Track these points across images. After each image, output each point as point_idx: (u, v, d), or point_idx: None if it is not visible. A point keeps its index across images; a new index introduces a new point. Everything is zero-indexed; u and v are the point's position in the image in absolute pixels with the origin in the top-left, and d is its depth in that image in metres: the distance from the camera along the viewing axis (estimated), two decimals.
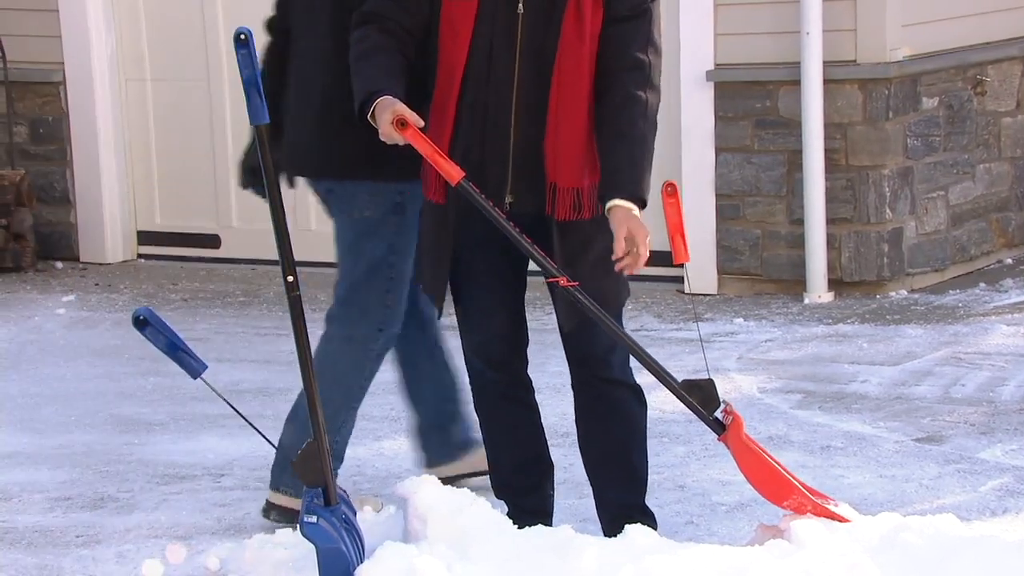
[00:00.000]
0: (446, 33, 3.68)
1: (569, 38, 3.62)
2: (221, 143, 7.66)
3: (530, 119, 3.66)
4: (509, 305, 3.86)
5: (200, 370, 3.48)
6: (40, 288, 7.43)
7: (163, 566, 3.88)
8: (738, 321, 6.43)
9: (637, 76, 3.63)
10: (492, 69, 3.67)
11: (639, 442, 3.89)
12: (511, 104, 3.66)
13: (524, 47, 3.65)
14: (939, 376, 5.61)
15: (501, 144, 3.68)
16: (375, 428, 5.26)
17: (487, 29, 3.65)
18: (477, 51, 3.66)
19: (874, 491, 4.49)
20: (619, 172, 3.60)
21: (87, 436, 5.29)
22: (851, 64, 6.61)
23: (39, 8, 7.69)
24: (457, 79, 3.67)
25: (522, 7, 3.64)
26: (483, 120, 3.68)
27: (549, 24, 3.64)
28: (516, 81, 3.66)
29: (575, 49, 3.62)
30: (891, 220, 6.73)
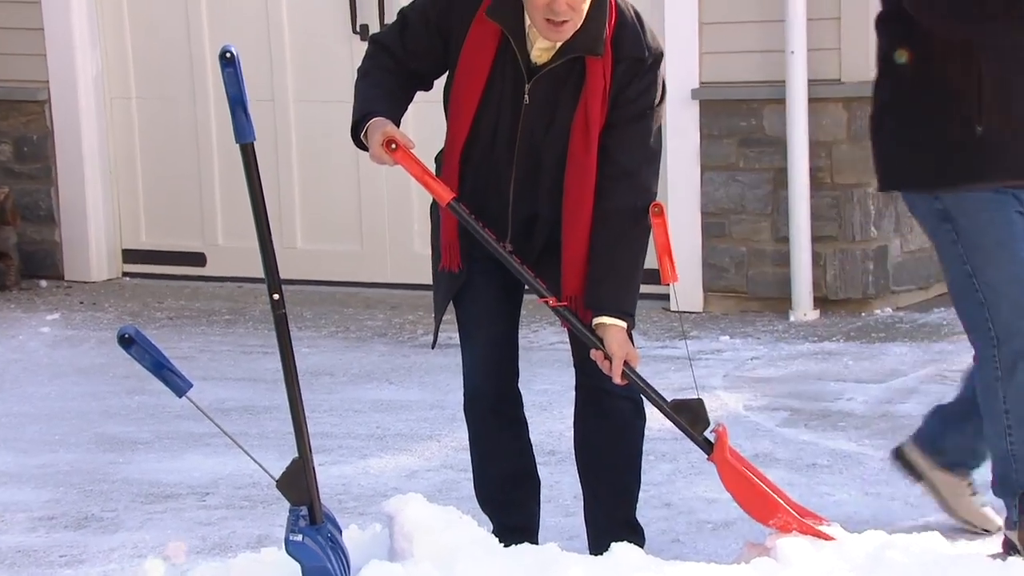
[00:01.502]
0: (454, 103, 3.72)
1: (577, 152, 3.66)
2: (207, 161, 7.66)
3: (525, 195, 3.73)
4: (504, 323, 3.90)
5: (185, 388, 3.47)
6: (24, 307, 7.41)
7: (164, 564, 3.87)
8: (724, 339, 6.44)
9: (631, 183, 3.67)
10: (494, 150, 3.72)
11: (633, 454, 3.92)
12: (509, 183, 3.72)
13: (523, 136, 3.70)
14: (925, 394, 5.62)
15: (501, 208, 3.74)
16: (361, 446, 5.26)
17: (492, 112, 3.69)
18: (479, 131, 3.71)
19: (860, 509, 4.49)
20: (606, 287, 3.66)
21: (71, 455, 5.27)
22: (836, 83, 6.63)
23: (24, 27, 7.69)
24: (457, 153, 3.72)
25: (527, 99, 3.66)
26: (483, 196, 3.74)
27: (551, 123, 3.68)
28: (514, 165, 3.71)
29: (583, 162, 3.66)
30: (876, 238, 6.74)
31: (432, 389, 5.88)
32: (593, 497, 3.95)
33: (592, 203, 3.67)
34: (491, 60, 3.65)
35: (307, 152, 7.51)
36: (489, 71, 3.66)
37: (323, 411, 5.60)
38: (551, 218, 3.76)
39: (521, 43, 3.64)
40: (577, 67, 3.64)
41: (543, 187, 3.74)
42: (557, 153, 3.70)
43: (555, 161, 3.71)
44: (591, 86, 3.62)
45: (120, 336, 3.43)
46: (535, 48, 3.65)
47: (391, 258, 7.38)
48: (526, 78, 3.66)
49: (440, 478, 4.89)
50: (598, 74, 3.62)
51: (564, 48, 3.62)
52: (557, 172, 3.71)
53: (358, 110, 3.70)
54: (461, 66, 3.69)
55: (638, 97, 3.65)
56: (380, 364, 6.31)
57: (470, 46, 3.66)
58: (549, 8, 3.53)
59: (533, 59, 3.66)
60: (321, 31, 7.38)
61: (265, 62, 7.45)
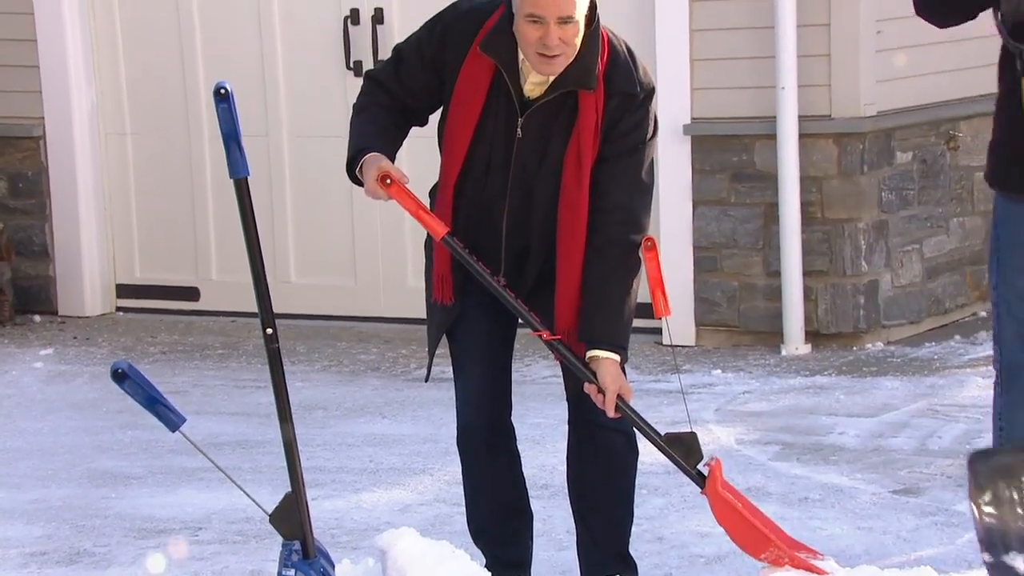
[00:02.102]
0: (448, 136, 3.74)
1: (570, 187, 3.67)
2: (201, 196, 7.66)
3: (518, 228, 3.74)
4: (497, 355, 3.90)
5: (179, 423, 3.46)
6: (18, 342, 7.40)
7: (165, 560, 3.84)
8: (716, 373, 6.43)
9: (622, 217, 3.67)
10: (487, 183, 3.73)
11: (626, 488, 3.91)
12: (503, 216, 3.73)
13: (516, 169, 3.71)
14: (916, 428, 5.61)
15: (494, 242, 3.75)
16: (354, 480, 5.24)
17: (485, 145, 3.70)
18: (473, 163, 3.72)
19: (852, 543, 4.48)
20: (602, 320, 3.67)
21: (64, 490, 5.25)
22: (826, 119, 6.65)
23: (20, 64, 7.70)
24: (451, 186, 3.73)
25: (520, 132, 3.68)
26: (478, 222, 3.75)
27: (543, 157, 3.69)
28: (508, 197, 3.72)
29: (574, 196, 3.67)
30: (867, 273, 6.75)
31: (425, 423, 5.87)
32: (586, 531, 3.94)
33: (585, 237, 3.67)
34: (485, 94, 3.67)
35: (301, 187, 7.51)
36: (483, 105, 3.67)
37: (316, 445, 5.58)
38: (544, 250, 3.76)
39: (514, 77, 3.65)
40: (569, 101, 3.65)
41: (536, 220, 3.75)
42: (549, 187, 3.70)
43: (548, 194, 3.71)
44: (583, 120, 3.63)
45: (113, 371, 3.42)
46: (528, 82, 3.66)
47: (384, 293, 7.38)
48: (519, 112, 3.67)
49: (433, 512, 4.87)
50: (590, 108, 3.63)
51: (557, 82, 3.63)
52: (549, 206, 3.71)
53: (353, 145, 3.71)
54: (455, 100, 3.70)
55: (630, 131, 3.66)
56: (373, 398, 6.30)
57: (464, 80, 3.67)
58: (541, 43, 3.54)
59: (526, 93, 3.67)
60: (315, 67, 7.39)
61: (259, 98, 7.46)
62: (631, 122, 3.66)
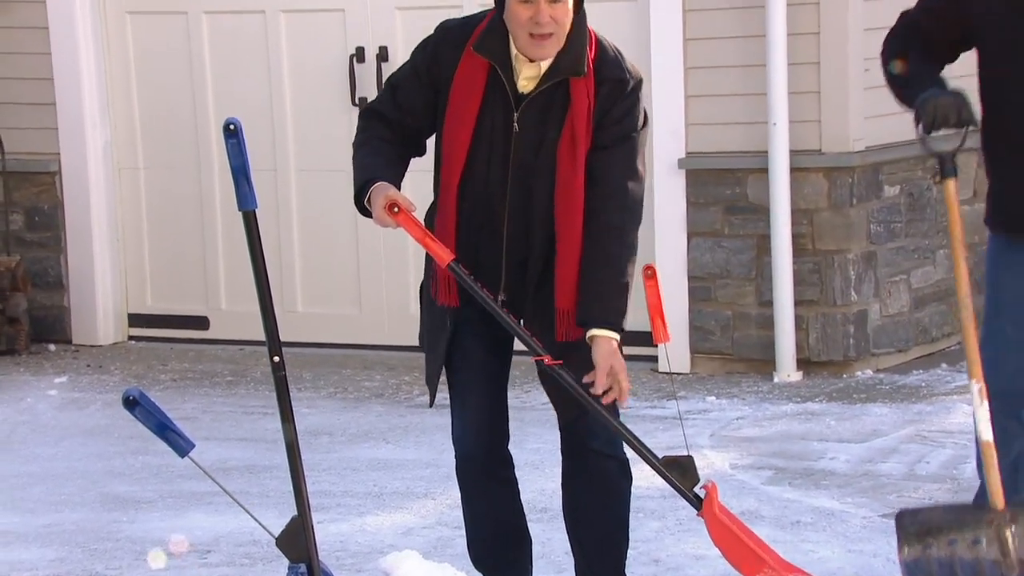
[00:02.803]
0: (448, 137, 3.73)
1: (565, 169, 3.66)
2: (211, 228, 7.67)
3: (519, 229, 3.73)
4: (494, 384, 3.87)
5: (188, 449, 3.45)
6: (33, 370, 7.39)
7: (166, 556, 3.83)
8: (710, 399, 6.42)
9: (620, 202, 3.67)
10: (488, 181, 3.72)
11: (621, 512, 3.88)
12: (504, 215, 3.71)
13: (515, 164, 3.70)
14: (904, 453, 5.60)
15: (495, 248, 3.73)
16: (358, 504, 5.22)
17: (484, 143, 3.70)
18: (474, 163, 3.71)
19: (843, 565, 4.46)
20: (599, 301, 3.65)
21: (76, 514, 5.23)
22: (816, 153, 6.65)
23: (37, 102, 7.72)
24: (454, 188, 3.72)
25: (517, 126, 3.68)
26: (479, 226, 3.74)
27: (540, 147, 3.69)
28: (508, 194, 3.71)
29: (571, 180, 3.66)
30: (856, 302, 6.74)
31: (428, 448, 5.85)
32: (582, 555, 3.92)
33: (582, 219, 3.65)
34: (481, 93, 3.67)
35: (307, 219, 7.52)
36: (480, 103, 3.67)
37: (322, 470, 5.57)
38: (544, 252, 3.72)
39: (508, 73, 3.66)
40: (562, 91, 3.66)
41: (536, 215, 3.71)
42: (547, 179, 3.69)
43: (546, 188, 3.69)
44: (576, 106, 3.64)
45: (125, 398, 3.41)
46: (522, 77, 3.67)
47: (388, 321, 7.37)
48: (515, 106, 3.67)
49: (435, 535, 4.85)
50: (582, 94, 3.64)
51: (549, 72, 3.65)
52: (549, 200, 3.70)
53: (359, 177, 3.71)
54: (452, 101, 3.70)
55: (623, 118, 3.67)
56: (377, 424, 6.28)
57: (459, 81, 3.68)
58: (533, 22, 3.55)
59: (520, 88, 3.68)
60: (322, 104, 7.40)
61: (267, 133, 7.47)
62: (623, 108, 3.66)
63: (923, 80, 3.71)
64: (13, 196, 7.84)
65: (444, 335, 3.80)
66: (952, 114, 3.60)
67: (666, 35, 6.75)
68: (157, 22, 7.68)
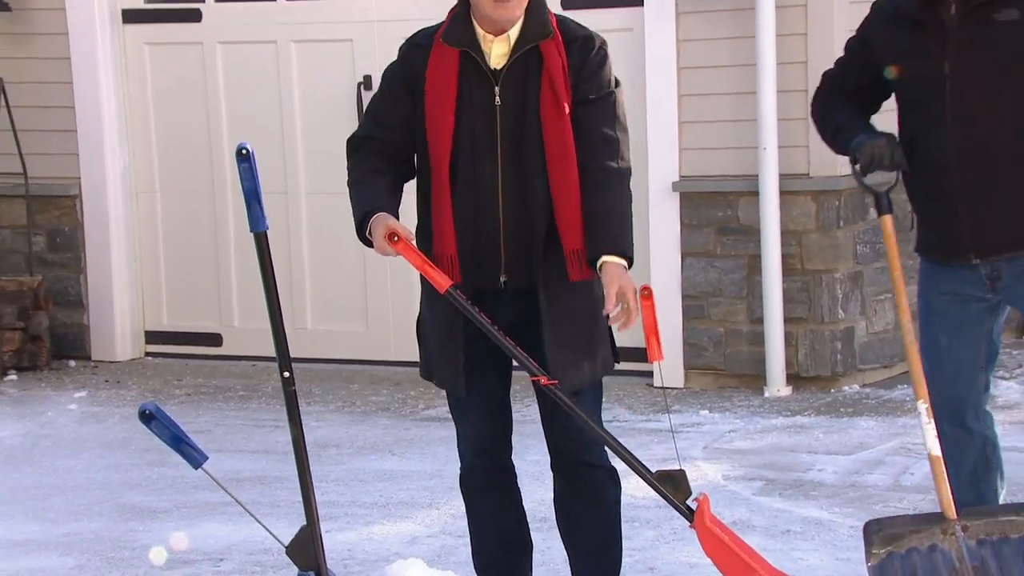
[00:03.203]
0: (432, 132, 3.70)
1: (551, 118, 3.65)
2: (224, 249, 7.66)
3: (516, 202, 3.68)
4: (496, 398, 3.86)
5: (201, 461, 3.44)
6: (54, 385, 7.38)
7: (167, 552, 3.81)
8: (703, 413, 6.40)
9: (609, 150, 3.66)
10: (476, 161, 3.69)
11: (615, 522, 3.88)
12: (497, 192, 3.68)
13: (504, 136, 3.68)
14: (890, 465, 5.58)
15: (492, 230, 3.69)
16: (365, 514, 5.21)
17: (467, 124, 3.68)
18: (460, 145, 3.69)
19: (831, 573, 4.45)
20: (608, 232, 3.62)
21: (95, 524, 5.22)
22: (805, 177, 6.65)
23: (59, 128, 7.72)
24: (446, 174, 3.69)
25: (499, 99, 3.67)
26: (474, 209, 3.70)
27: (525, 112, 3.68)
28: (500, 169, 3.68)
29: (557, 126, 3.65)
30: (843, 320, 6.73)
31: (432, 460, 5.83)
32: (579, 559, 3.91)
33: (575, 159, 3.63)
34: (456, 77, 3.67)
35: (316, 240, 7.51)
36: (456, 87, 3.66)
37: (330, 481, 5.55)
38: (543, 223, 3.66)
39: (479, 53, 3.67)
40: (535, 56, 3.67)
41: (532, 185, 3.67)
42: (537, 144, 3.66)
43: (537, 154, 3.66)
44: (550, 64, 3.65)
45: (141, 412, 3.41)
46: (493, 55, 3.68)
47: (394, 338, 7.36)
48: (493, 81, 3.66)
49: (439, 544, 4.83)
50: (554, 53, 3.66)
51: (518, 42, 3.66)
52: (541, 165, 3.66)
53: (359, 211, 3.70)
54: (429, 90, 3.68)
55: (597, 71, 3.68)
56: (383, 437, 6.27)
57: (432, 72, 3.68)
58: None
59: (493, 65, 3.68)
60: (330, 129, 7.40)
61: (278, 158, 7.47)
62: (595, 62, 3.68)
63: (854, 126, 3.83)
64: (36, 219, 7.84)
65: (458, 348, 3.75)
66: (887, 156, 3.71)
67: (661, 64, 6.75)
68: (174, 52, 7.68)
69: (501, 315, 3.68)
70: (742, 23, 6.61)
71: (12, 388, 7.32)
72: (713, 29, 6.68)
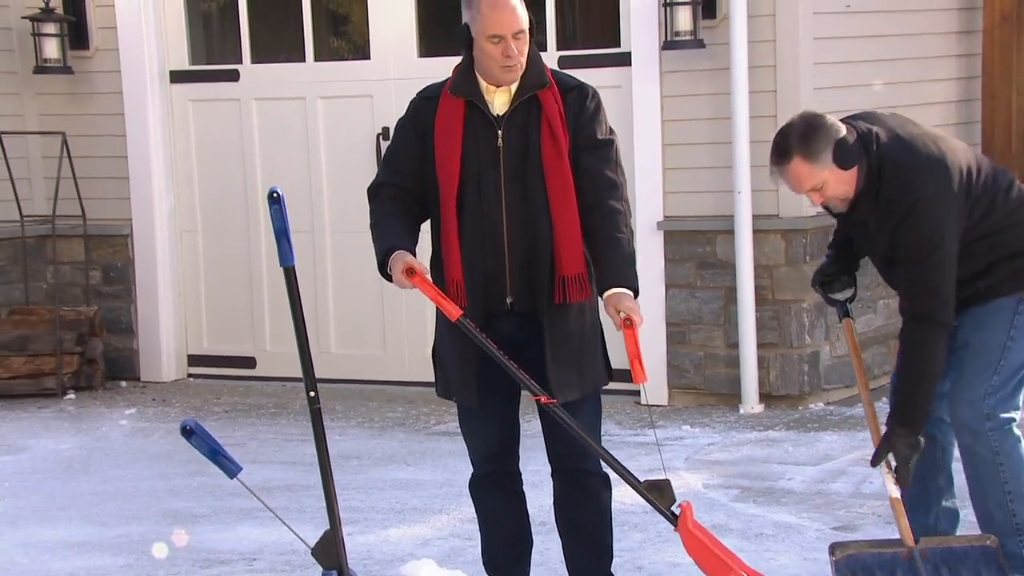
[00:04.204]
0: (441, 172, 3.70)
1: (551, 159, 3.65)
2: (257, 281, 7.66)
3: (519, 234, 3.68)
4: (504, 411, 3.84)
5: (236, 471, 3.42)
6: (107, 403, 7.35)
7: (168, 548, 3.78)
8: (685, 428, 6.38)
9: (614, 193, 3.67)
10: (482, 197, 3.68)
11: (607, 521, 3.87)
12: (502, 225, 3.67)
13: (507, 174, 3.67)
14: (851, 475, 5.55)
15: (498, 259, 3.69)
16: (382, 518, 5.18)
17: (473, 164, 3.68)
18: (467, 183, 3.69)
19: (800, 572, 4.42)
20: (619, 271, 3.65)
21: (142, 527, 5.19)
22: (775, 217, 6.64)
23: (114, 176, 7.74)
24: (453, 209, 3.69)
25: (501, 141, 3.67)
26: (481, 241, 3.69)
27: (527, 152, 3.68)
28: (504, 204, 3.68)
29: (557, 166, 3.65)
30: (810, 345, 6.71)
31: (443, 470, 5.81)
32: (575, 555, 3.90)
33: (574, 195, 3.63)
34: (462, 123, 3.67)
35: (340, 273, 7.50)
36: (463, 131, 3.67)
37: (351, 489, 5.52)
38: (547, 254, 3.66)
39: (483, 102, 3.68)
40: (534, 104, 3.68)
41: (533, 219, 3.66)
42: (538, 181, 3.66)
43: (539, 188, 3.66)
44: (548, 109, 3.67)
45: (182, 428, 3.39)
46: (495, 103, 3.69)
47: (409, 361, 7.34)
48: (496, 125, 3.67)
49: (449, 545, 4.80)
50: (551, 100, 3.68)
51: (519, 91, 3.67)
52: (542, 200, 3.65)
53: (380, 250, 3.70)
54: (438, 134, 3.69)
55: (594, 116, 3.68)
56: (399, 449, 6.24)
57: (441, 120, 3.69)
58: (504, 55, 3.60)
59: (496, 111, 3.69)
60: (352, 175, 7.40)
61: (306, 200, 7.47)
62: (591, 110, 3.68)
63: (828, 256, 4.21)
64: (92, 256, 7.84)
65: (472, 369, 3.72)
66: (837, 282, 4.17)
67: (647, 117, 6.75)
68: (214, 108, 7.70)
69: (508, 333, 3.69)
70: (719, 81, 6.62)
71: (71, 406, 7.30)
72: (693, 86, 6.69)
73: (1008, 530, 3.81)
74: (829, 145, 3.70)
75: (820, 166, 3.70)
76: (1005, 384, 3.80)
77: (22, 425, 6.90)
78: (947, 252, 3.70)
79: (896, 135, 3.76)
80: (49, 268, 7.87)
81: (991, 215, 3.78)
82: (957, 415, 3.82)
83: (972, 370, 3.81)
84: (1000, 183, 3.83)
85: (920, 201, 3.67)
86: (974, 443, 3.81)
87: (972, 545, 3.77)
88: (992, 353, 3.80)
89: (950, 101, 7.68)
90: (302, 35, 7.45)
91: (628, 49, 6.74)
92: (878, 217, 3.75)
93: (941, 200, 3.67)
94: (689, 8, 6.55)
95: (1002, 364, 3.80)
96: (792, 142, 3.73)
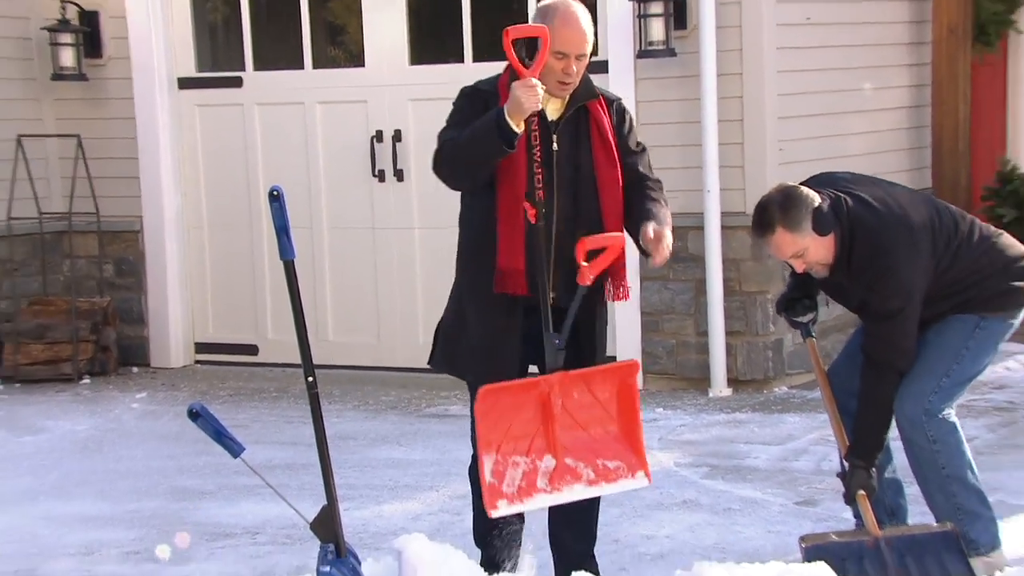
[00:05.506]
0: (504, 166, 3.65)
1: (602, 164, 3.71)
2: (260, 274, 7.63)
3: (567, 233, 3.67)
4: None
5: (240, 451, 3.41)
6: (120, 388, 7.32)
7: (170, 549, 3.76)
8: (659, 410, 6.38)
9: (655, 186, 3.80)
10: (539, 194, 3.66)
11: (595, 503, 3.87)
12: (552, 224, 3.67)
13: (560, 177, 3.68)
14: (813, 453, 5.56)
15: (546, 254, 3.67)
16: (377, 495, 5.17)
17: (532, 161, 3.66)
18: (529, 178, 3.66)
19: (764, 544, 4.42)
20: (656, 216, 3.70)
21: (152, 503, 5.17)
22: (742, 214, 6.63)
23: (125, 176, 7.70)
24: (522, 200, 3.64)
25: (556, 145, 3.69)
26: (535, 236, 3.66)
27: (578, 157, 3.71)
28: (556, 205, 3.67)
29: (609, 172, 3.71)
30: (774, 333, 6.71)
31: (433, 450, 5.80)
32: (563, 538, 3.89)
33: (622, 197, 3.72)
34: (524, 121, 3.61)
35: (337, 267, 7.48)
36: (526, 130, 3.63)
37: (347, 467, 5.51)
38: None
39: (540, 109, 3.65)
40: (583, 114, 3.73)
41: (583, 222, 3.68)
42: (589, 184, 3.70)
43: (589, 191, 3.70)
44: (597, 117, 3.74)
45: (189, 411, 3.38)
46: (549, 109, 3.71)
47: (401, 348, 7.32)
48: (552, 129, 3.69)
49: (438, 520, 4.79)
50: (599, 110, 3.75)
51: (571, 101, 3.71)
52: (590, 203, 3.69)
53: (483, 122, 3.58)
54: None
55: (631, 129, 3.83)
56: (392, 431, 6.23)
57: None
58: (564, 72, 3.63)
59: (549, 117, 3.71)
60: (348, 175, 7.39)
61: (304, 198, 7.44)
62: (629, 120, 3.82)
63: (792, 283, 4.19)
64: (106, 250, 7.81)
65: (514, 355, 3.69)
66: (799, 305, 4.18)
67: None
68: (219, 112, 7.66)
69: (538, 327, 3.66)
70: (689, 88, 6.61)
71: (86, 390, 7.27)
72: (665, 92, 6.68)
73: (950, 512, 3.82)
74: (808, 213, 3.71)
75: (801, 234, 3.73)
76: (951, 388, 3.84)
77: (41, 408, 6.87)
78: (912, 311, 3.73)
79: (862, 200, 3.77)
80: (66, 262, 7.83)
81: (956, 265, 3.80)
82: (901, 405, 3.84)
83: (924, 367, 3.83)
84: (962, 230, 3.83)
85: (889, 267, 3.70)
86: (912, 432, 3.83)
87: (933, 532, 3.79)
88: (947, 357, 3.82)
89: (903, 107, 7.70)
90: (301, 44, 7.42)
91: (605, 58, 6.72)
92: (851, 279, 3.78)
93: (909, 263, 3.71)
94: (662, 19, 6.54)
95: (953, 369, 3.81)
96: (774, 214, 3.74)
